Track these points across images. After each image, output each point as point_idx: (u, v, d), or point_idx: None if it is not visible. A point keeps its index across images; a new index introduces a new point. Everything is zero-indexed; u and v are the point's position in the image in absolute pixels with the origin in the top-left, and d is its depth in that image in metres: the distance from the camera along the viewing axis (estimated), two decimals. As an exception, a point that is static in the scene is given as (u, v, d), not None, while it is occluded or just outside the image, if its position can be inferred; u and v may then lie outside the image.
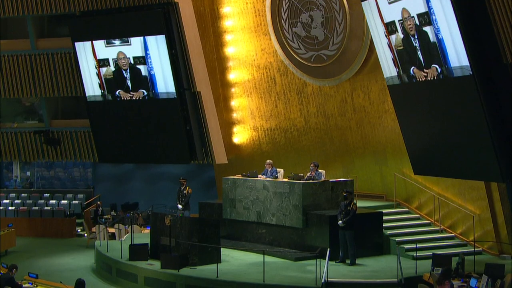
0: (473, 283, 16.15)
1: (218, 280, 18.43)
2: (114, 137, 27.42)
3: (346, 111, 24.92)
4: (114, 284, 20.80)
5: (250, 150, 28.59)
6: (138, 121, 26.80)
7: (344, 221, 19.72)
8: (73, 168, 34.73)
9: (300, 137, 26.75)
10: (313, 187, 21.27)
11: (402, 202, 23.77)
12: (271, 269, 18.79)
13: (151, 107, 26.48)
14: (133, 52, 26.36)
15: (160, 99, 26.02)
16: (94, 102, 27.48)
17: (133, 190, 33.31)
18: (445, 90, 17.84)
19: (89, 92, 27.60)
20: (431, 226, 22.73)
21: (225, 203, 23.30)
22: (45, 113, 30.09)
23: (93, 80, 27.34)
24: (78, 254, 25.74)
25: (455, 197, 22.14)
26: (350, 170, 25.17)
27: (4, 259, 23.28)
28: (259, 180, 22.41)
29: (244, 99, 28.20)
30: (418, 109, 19.09)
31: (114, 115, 27.18)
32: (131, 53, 26.40)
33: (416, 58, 18.99)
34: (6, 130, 29.93)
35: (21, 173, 35.43)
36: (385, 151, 24.07)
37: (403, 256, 19.94)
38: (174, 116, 26.00)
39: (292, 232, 21.47)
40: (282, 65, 26.43)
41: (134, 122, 26.88)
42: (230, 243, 22.26)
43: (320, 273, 17.90)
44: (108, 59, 26.85)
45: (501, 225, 20.96)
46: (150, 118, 26.63)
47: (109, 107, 27.18)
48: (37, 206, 31.60)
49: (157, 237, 21.23)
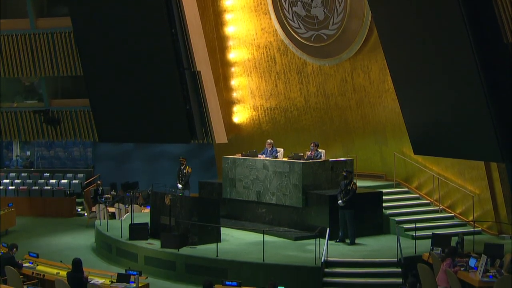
0: (472, 263, 16.19)
1: (218, 259, 18.49)
2: (114, 116, 27.35)
3: (346, 90, 24.90)
4: (114, 263, 20.85)
5: (250, 129, 28.60)
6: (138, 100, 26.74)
7: (344, 200, 19.74)
8: (73, 147, 34.74)
9: (300, 117, 26.74)
10: (313, 167, 21.28)
11: (401, 182, 23.80)
12: (271, 249, 18.82)
13: (151, 86, 26.41)
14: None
15: (160, 78, 25.95)
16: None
17: (133, 170, 33.35)
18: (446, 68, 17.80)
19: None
20: (431, 206, 22.76)
21: (225, 182, 23.33)
22: (45, 92, 30.04)
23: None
24: (78, 234, 25.80)
25: (454, 177, 22.16)
26: (350, 149, 25.18)
27: (4, 238, 23.32)
28: (259, 159, 22.43)
29: (244, 79, 28.18)
30: (418, 89, 19.04)
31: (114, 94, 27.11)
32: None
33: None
34: (6, 109, 29.89)
35: (21, 152, 35.45)
36: (385, 130, 24.08)
37: (403, 236, 19.97)
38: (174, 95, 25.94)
39: (292, 212, 21.50)
40: (282, 45, 26.38)
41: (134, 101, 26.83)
42: (230, 223, 22.30)
43: (319, 253, 17.95)
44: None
45: (501, 205, 20.99)
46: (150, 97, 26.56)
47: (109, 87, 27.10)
48: (37, 185, 31.62)
49: (157, 217, 21.28)
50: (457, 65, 17.17)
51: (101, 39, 23.85)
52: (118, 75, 24.32)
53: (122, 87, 25.29)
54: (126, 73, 23.99)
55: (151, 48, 23.25)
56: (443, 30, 17.25)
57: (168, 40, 22.77)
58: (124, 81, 24.64)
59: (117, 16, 23.45)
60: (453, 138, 18.20)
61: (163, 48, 23.12)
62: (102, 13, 23.61)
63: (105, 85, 25.46)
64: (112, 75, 24.53)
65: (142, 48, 23.39)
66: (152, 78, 23.92)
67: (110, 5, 24.92)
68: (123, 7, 24.54)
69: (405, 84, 19.53)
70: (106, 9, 23.64)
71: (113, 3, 25.08)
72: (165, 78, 23.87)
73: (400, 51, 19.10)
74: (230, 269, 18.19)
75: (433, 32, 17.68)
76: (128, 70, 23.84)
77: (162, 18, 22.69)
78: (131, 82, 24.47)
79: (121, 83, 24.96)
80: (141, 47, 23.39)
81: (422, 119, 19.27)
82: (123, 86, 25.22)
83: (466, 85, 17.00)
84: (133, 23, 22.97)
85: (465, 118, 17.49)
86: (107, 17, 23.84)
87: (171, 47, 23.33)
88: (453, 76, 17.52)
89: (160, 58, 23.37)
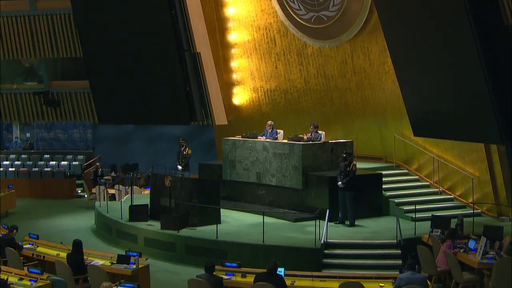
0: (471, 245, 16.22)
1: (218, 241, 18.52)
2: (114, 98, 27.32)
3: (346, 72, 24.87)
4: (114, 245, 20.89)
5: (250, 111, 28.59)
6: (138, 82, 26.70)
7: (344, 182, 19.75)
8: (73, 129, 34.77)
9: (300, 98, 26.73)
10: (313, 148, 21.29)
11: (401, 163, 23.82)
12: (271, 230, 18.85)
13: (151, 68, 26.37)
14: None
15: (160, 60, 25.91)
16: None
17: (133, 151, 33.39)
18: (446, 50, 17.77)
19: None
20: (431, 187, 22.79)
21: (224, 164, 23.35)
22: (44, 74, 29.99)
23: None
24: (78, 215, 25.84)
25: (454, 159, 22.17)
26: (350, 131, 25.18)
27: (4, 220, 23.36)
28: (258, 141, 22.43)
29: (244, 60, 28.14)
30: (418, 71, 19.02)
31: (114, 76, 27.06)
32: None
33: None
34: (6, 91, 29.85)
35: (21, 134, 35.45)
36: (385, 112, 24.07)
37: (402, 218, 20.00)
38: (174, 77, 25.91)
39: (292, 193, 21.53)
40: (282, 26, 26.32)
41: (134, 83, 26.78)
42: (229, 204, 22.34)
43: (319, 234, 17.97)
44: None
45: (500, 187, 21.01)
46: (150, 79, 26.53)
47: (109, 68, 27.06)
48: (37, 167, 31.66)
49: (157, 198, 21.30)
50: (458, 47, 17.14)
51: (101, 20, 23.80)
52: (117, 56, 24.28)
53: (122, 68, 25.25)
54: (126, 55, 23.94)
55: (151, 29, 23.18)
56: (444, 12, 17.21)
57: (168, 22, 22.72)
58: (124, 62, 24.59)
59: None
60: (453, 120, 18.19)
61: (163, 29, 23.07)
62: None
63: (105, 67, 25.42)
64: (111, 57, 24.49)
65: (142, 30, 23.33)
66: (152, 60, 23.88)
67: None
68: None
69: (405, 66, 19.50)
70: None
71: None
72: (165, 60, 23.83)
73: (400, 33, 19.06)
74: (230, 250, 18.23)
75: (433, 14, 17.64)
76: (128, 52, 23.79)
77: (162, 0, 22.64)
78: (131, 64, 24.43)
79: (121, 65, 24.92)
80: (141, 29, 23.33)
81: (422, 101, 19.25)
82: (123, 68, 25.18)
83: (466, 67, 16.97)
84: (133, 5, 22.90)
85: (465, 100, 17.47)
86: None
87: (171, 28, 23.28)
88: (454, 58, 17.49)
89: (160, 40, 23.33)
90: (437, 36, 17.79)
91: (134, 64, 24.67)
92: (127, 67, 25.60)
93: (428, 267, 16.00)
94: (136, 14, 22.87)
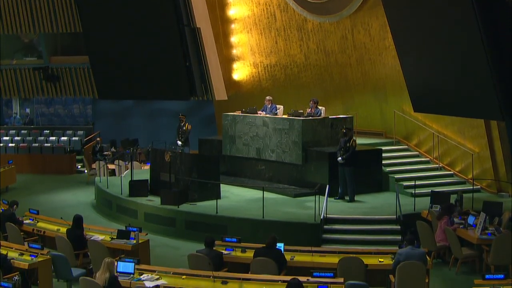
0: (471, 220, 16.26)
1: (218, 216, 18.55)
2: (113, 73, 27.27)
3: (347, 47, 24.81)
4: (114, 220, 20.93)
5: (249, 86, 28.56)
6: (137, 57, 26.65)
7: (344, 157, 19.74)
8: (73, 104, 34.74)
9: (300, 74, 26.68)
10: (313, 124, 21.27)
11: (401, 139, 23.82)
12: (270, 205, 18.88)
13: (151, 43, 26.32)
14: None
15: (160, 35, 25.85)
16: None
17: (132, 127, 33.37)
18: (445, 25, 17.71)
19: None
20: (430, 163, 22.81)
21: (224, 139, 23.35)
22: (44, 49, 29.93)
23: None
24: (78, 191, 25.87)
25: (454, 135, 22.17)
26: (349, 106, 25.17)
27: (4, 195, 23.39)
28: (258, 116, 22.41)
29: (244, 36, 28.06)
30: (418, 46, 18.97)
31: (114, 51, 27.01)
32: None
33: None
34: (5, 66, 29.80)
35: (20, 110, 35.42)
36: (385, 88, 24.03)
37: (402, 193, 20.02)
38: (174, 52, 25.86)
39: (292, 169, 21.54)
40: (282, 1, 26.23)
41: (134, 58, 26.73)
42: (229, 179, 22.36)
43: (319, 209, 18.00)
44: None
45: (500, 163, 21.02)
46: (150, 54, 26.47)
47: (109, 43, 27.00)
48: (37, 143, 31.66)
49: (157, 173, 21.31)
50: (458, 23, 17.09)
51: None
52: (117, 32, 24.22)
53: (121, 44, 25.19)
54: (126, 30, 23.89)
55: (151, 5, 23.13)
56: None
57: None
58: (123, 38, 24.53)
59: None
60: (453, 96, 18.17)
61: (162, 4, 23.01)
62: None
63: (105, 42, 25.36)
64: (111, 32, 24.44)
65: (142, 4, 23.27)
66: (151, 35, 23.83)
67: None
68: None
69: (406, 41, 19.45)
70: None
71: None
72: (165, 35, 23.78)
73: (400, 8, 18.99)
74: (229, 225, 18.26)
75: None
76: (128, 27, 23.74)
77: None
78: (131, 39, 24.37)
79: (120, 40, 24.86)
80: (141, 4, 23.27)
81: (422, 76, 19.22)
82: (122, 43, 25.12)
83: (466, 43, 16.93)
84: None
85: (466, 76, 17.44)
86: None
87: (171, 3, 23.21)
88: (454, 34, 17.44)
89: (160, 15, 23.26)
90: (438, 11, 17.73)
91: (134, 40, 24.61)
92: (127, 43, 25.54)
93: (428, 242, 16.04)
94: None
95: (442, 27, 17.83)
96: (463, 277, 15.40)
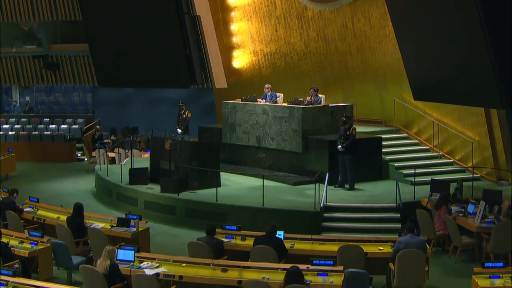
0: (470, 209, 16.27)
1: (218, 204, 18.58)
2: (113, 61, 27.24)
3: (347, 35, 24.77)
4: (114, 208, 20.96)
5: (249, 74, 28.53)
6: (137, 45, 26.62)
7: (344, 145, 19.75)
8: (73, 92, 34.72)
9: (300, 62, 26.65)
10: (313, 112, 21.27)
11: (401, 127, 23.81)
12: (270, 193, 18.89)
13: (151, 31, 26.28)
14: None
15: (160, 23, 25.81)
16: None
17: (132, 115, 33.37)
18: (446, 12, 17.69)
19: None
20: (430, 151, 22.80)
21: (224, 127, 23.35)
22: (44, 37, 29.89)
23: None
24: (79, 179, 25.89)
25: (454, 123, 22.16)
26: (349, 95, 25.15)
27: (4, 183, 23.42)
28: (258, 104, 22.41)
29: (244, 23, 28.02)
30: (419, 34, 18.94)
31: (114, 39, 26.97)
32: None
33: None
34: (5, 54, 29.75)
35: (20, 98, 35.40)
36: (385, 76, 24.01)
37: (402, 181, 20.04)
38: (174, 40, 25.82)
39: (292, 157, 21.55)
40: (282, -11, 26.21)
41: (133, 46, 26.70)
42: (229, 167, 22.37)
43: (319, 198, 18.03)
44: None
45: (500, 151, 21.02)
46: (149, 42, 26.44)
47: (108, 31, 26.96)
48: (37, 131, 31.66)
49: (156, 161, 21.33)
50: (458, 10, 17.06)
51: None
52: (117, 19, 24.16)
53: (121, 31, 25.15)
54: (126, 18, 23.82)
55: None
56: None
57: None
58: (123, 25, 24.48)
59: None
60: (453, 84, 18.15)
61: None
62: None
63: (104, 30, 25.31)
64: (111, 20, 24.37)
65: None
66: (151, 23, 23.78)
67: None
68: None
69: (406, 29, 19.41)
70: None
71: None
72: (165, 23, 23.72)
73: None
74: (229, 213, 18.30)
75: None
76: (128, 15, 23.67)
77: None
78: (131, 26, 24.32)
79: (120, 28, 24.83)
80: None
81: (422, 64, 19.19)
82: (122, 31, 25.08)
83: (467, 30, 16.90)
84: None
85: (466, 64, 17.42)
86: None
87: (170, -9, 23.22)
88: (454, 22, 17.41)
89: (159, 3, 23.21)
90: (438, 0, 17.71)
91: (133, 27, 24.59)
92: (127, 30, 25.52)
93: (427, 230, 16.06)
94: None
95: (443, 16, 17.81)
96: (463, 265, 15.43)
